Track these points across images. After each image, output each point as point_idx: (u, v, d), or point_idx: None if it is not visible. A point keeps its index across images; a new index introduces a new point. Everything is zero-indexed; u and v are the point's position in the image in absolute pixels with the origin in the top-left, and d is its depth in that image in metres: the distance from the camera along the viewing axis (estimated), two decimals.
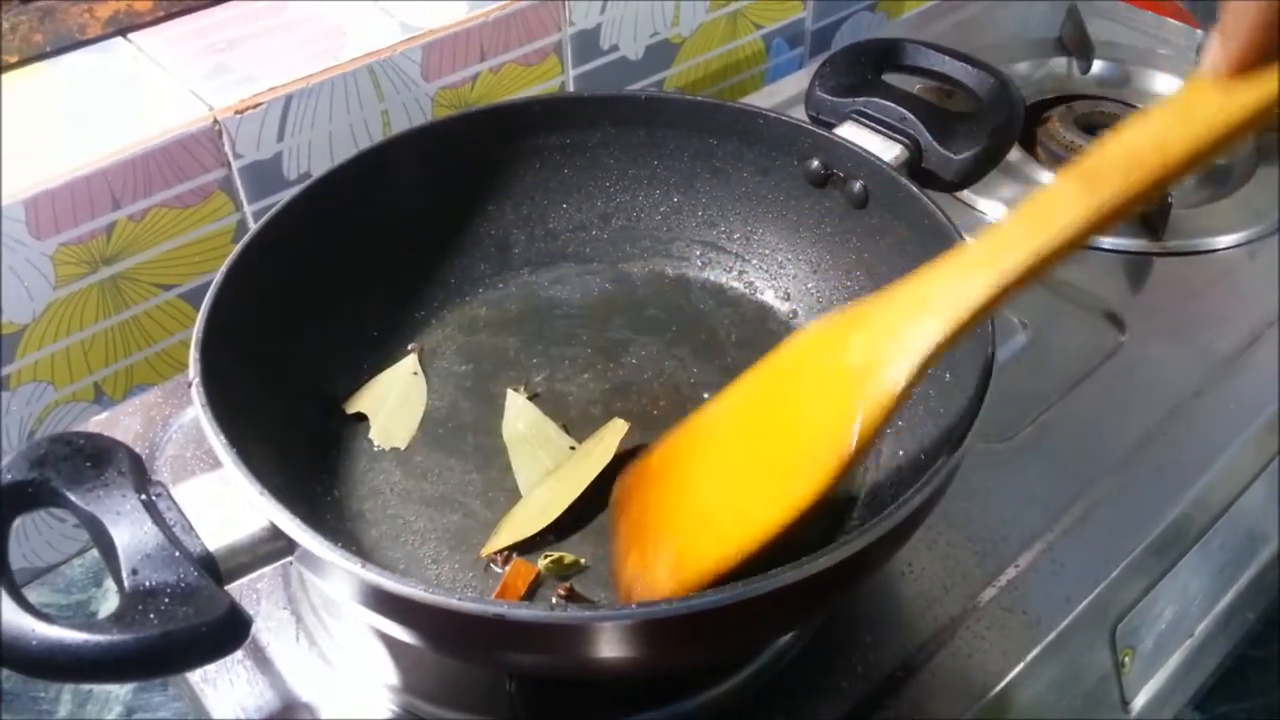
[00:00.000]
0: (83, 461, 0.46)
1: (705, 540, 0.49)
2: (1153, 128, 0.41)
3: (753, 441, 0.50)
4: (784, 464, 0.48)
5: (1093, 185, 0.42)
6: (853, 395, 0.45)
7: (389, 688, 0.56)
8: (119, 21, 0.77)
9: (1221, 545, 0.70)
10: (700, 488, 0.52)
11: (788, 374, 0.50)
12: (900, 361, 0.45)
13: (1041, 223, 0.43)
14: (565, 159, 0.71)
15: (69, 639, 0.40)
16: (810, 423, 0.47)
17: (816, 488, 0.46)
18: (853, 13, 1.10)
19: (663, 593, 0.49)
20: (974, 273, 0.43)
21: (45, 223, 0.66)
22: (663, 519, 0.53)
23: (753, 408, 0.51)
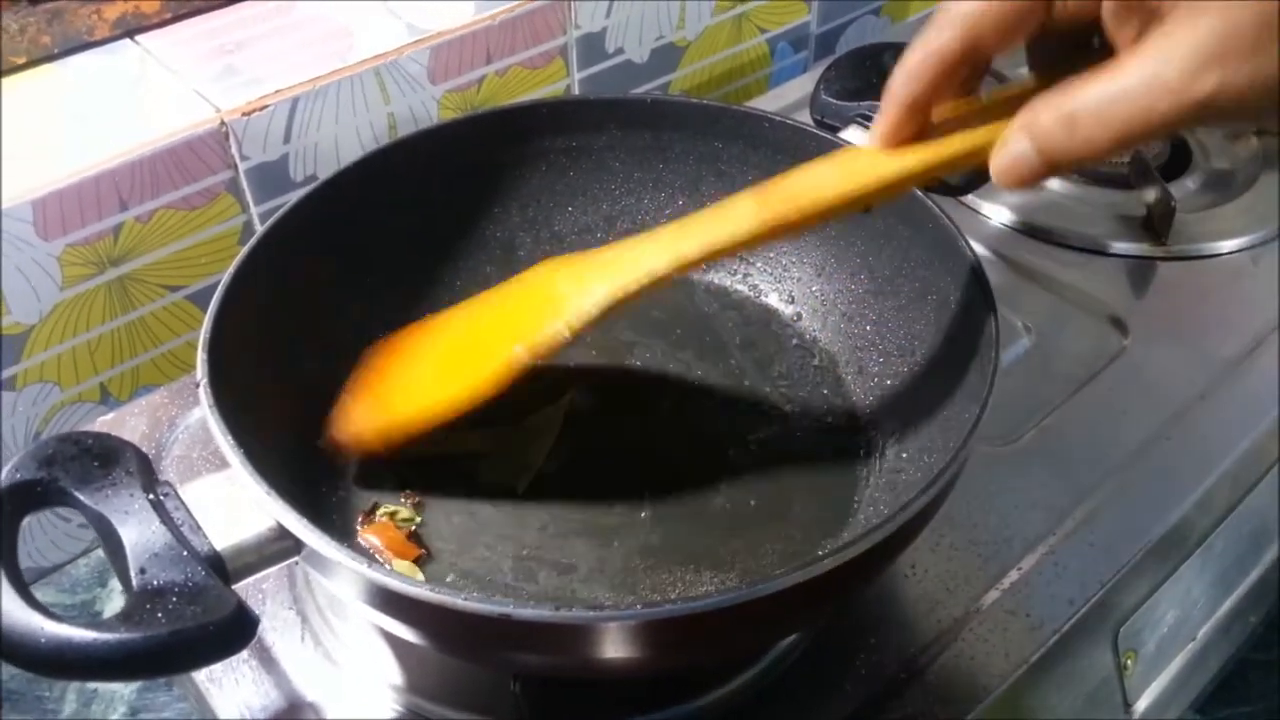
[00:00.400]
0: (91, 461, 0.46)
1: (401, 404, 0.59)
2: (819, 172, 0.51)
3: (464, 340, 0.60)
4: (478, 358, 0.57)
5: (763, 205, 0.51)
6: (539, 322, 0.55)
7: (394, 688, 0.56)
8: (127, 23, 0.77)
9: (1224, 549, 0.70)
10: (415, 366, 0.61)
11: (512, 293, 0.60)
12: (577, 309, 0.54)
13: (718, 225, 0.52)
14: (571, 162, 0.72)
15: (77, 637, 0.40)
16: (510, 332, 0.57)
17: (485, 385, 0.56)
18: (857, 16, 1.10)
19: (352, 434, 0.59)
20: (656, 252, 0.53)
21: (52, 223, 0.66)
22: (389, 377, 0.61)
23: (485, 309, 0.61)
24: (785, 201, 0.51)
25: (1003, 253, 0.81)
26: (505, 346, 0.56)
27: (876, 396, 0.64)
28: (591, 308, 0.54)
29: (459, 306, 0.63)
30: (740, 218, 0.51)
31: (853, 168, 0.50)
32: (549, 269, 0.58)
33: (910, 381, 0.63)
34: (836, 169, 0.50)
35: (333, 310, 0.64)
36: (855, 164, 0.50)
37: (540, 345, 0.55)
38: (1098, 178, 0.88)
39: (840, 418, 0.65)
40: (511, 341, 0.56)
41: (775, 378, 0.67)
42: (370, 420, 0.59)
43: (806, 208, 0.50)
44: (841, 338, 0.68)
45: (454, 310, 0.63)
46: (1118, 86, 0.40)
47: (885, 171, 0.49)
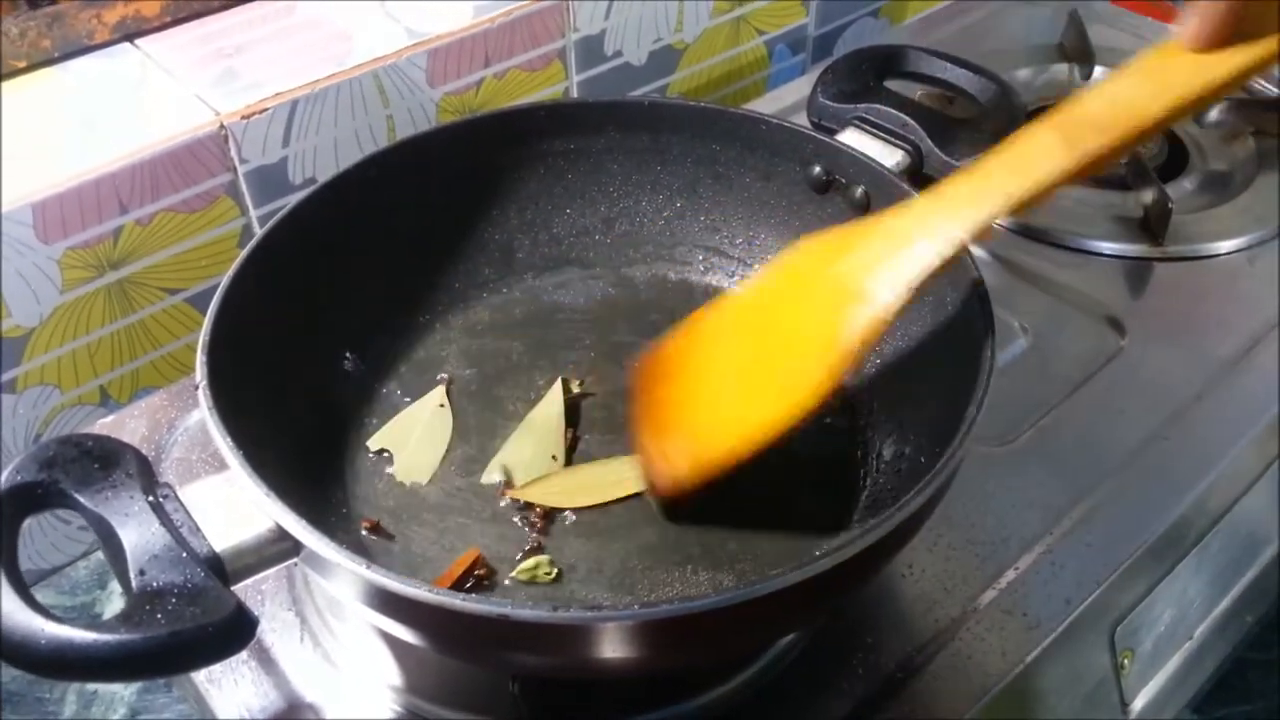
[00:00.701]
0: (91, 463, 0.47)
1: (715, 433, 0.54)
2: (1126, 90, 0.44)
3: (755, 345, 0.55)
4: (782, 369, 0.52)
5: (1069, 139, 0.45)
6: (845, 313, 0.49)
7: (392, 688, 0.57)
8: (126, 27, 0.77)
9: (1221, 549, 0.70)
10: (708, 384, 0.56)
11: (787, 284, 0.55)
12: (891, 286, 0.48)
13: (1021, 170, 0.46)
14: (569, 164, 0.72)
15: (78, 638, 0.41)
16: (806, 333, 0.51)
17: (810, 396, 0.50)
18: (855, 18, 1.10)
19: (682, 475, 0.55)
20: (958, 210, 0.47)
21: (52, 227, 0.67)
22: (675, 411, 0.57)
23: (756, 313, 0.56)
24: (1098, 130, 0.44)
25: (999, 253, 0.82)
26: (812, 348, 0.50)
27: (873, 397, 0.65)
28: (903, 290, 0.48)
29: (716, 313, 0.58)
30: (1044, 158, 0.45)
31: (1167, 79, 0.44)
32: (824, 250, 0.52)
33: (907, 382, 0.63)
34: (1148, 82, 0.44)
35: (332, 312, 0.65)
36: (1169, 74, 0.44)
37: (864, 338, 0.49)
38: (1095, 178, 0.88)
39: (837, 418, 0.65)
40: (815, 342, 0.50)
41: None
42: (687, 457, 0.55)
43: (1126, 134, 0.44)
44: None
45: (714, 317, 0.58)
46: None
47: (1210, 76, 0.43)
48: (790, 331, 0.53)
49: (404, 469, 0.62)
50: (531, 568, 0.57)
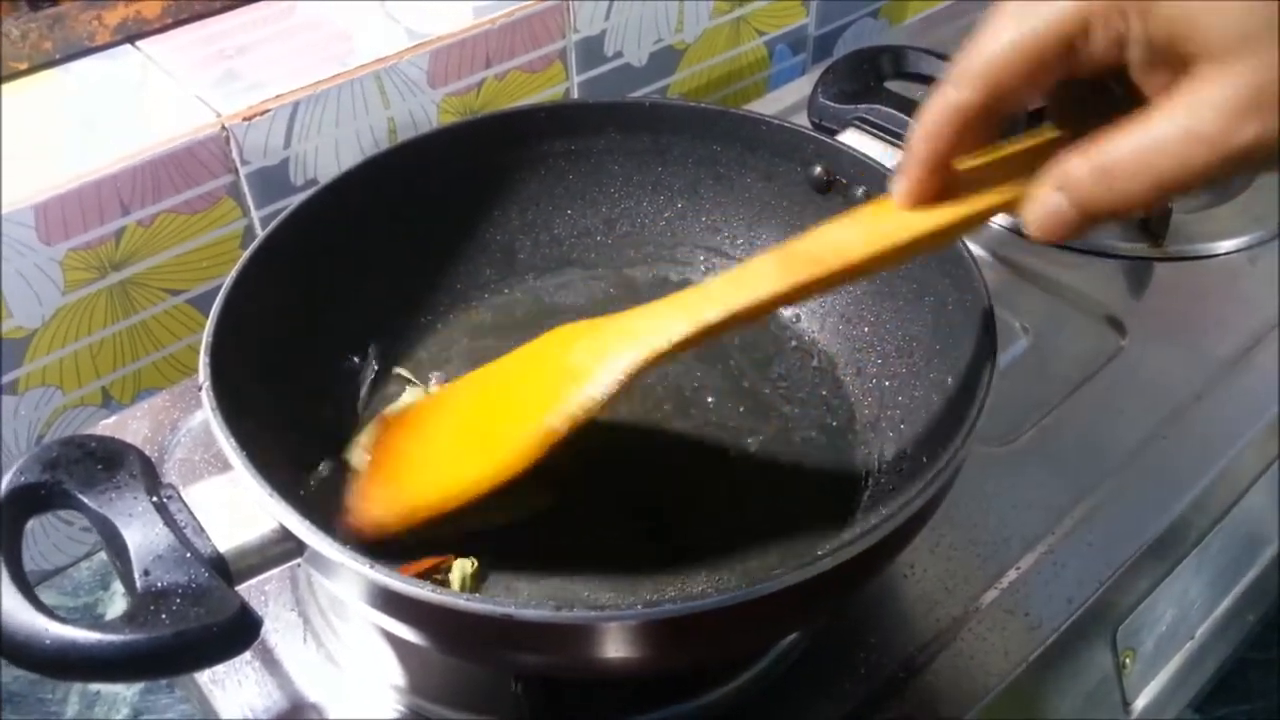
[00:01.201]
0: (94, 464, 0.47)
1: (421, 486, 0.57)
2: (841, 232, 0.50)
3: (481, 414, 0.58)
4: (497, 434, 0.55)
5: (786, 268, 0.50)
6: (560, 393, 0.53)
7: (396, 689, 0.57)
8: (128, 29, 0.77)
9: (1222, 548, 0.70)
10: (431, 443, 0.59)
11: (525, 362, 0.58)
12: (602, 376, 0.52)
13: (740, 288, 0.51)
14: (570, 165, 0.72)
15: (81, 639, 0.41)
16: (524, 407, 0.55)
17: (515, 462, 0.53)
18: (856, 19, 1.10)
19: (372, 519, 0.56)
20: (678, 317, 0.52)
21: (54, 228, 0.67)
22: (404, 456, 0.60)
23: (491, 385, 0.59)
24: (809, 263, 0.49)
25: (1000, 254, 0.82)
26: (528, 419, 0.53)
27: (875, 398, 0.65)
28: (618, 374, 0.52)
29: (466, 379, 0.61)
30: (762, 280, 0.50)
31: (878, 227, 0.48)
32: (563, 336, 0.56)
33: (908, 382, 0.63)
34: (861, 228, 0.49)
35: (333, 313, 0.65)
36: (881, 222, 0.48)
37: (571, 414, 0.52)
38: None
39: (839, 419, 0.65)
40: (533, 414, 0.53)
41: (774, 379, 0.67)
42: (389, 504, 0.57)
43: (832, 268, 0.49)
44: (840, 339, 0.68)
45: (462, 382, 0.61)
46: (1152, 138, 0.39)
47: (913, 230, 0.47)
48: (516, 402, 0.56)
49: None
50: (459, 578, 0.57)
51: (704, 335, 0.51)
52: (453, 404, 0.61)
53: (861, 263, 0.49)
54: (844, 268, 0.49)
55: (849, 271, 0.49)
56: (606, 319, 0.55)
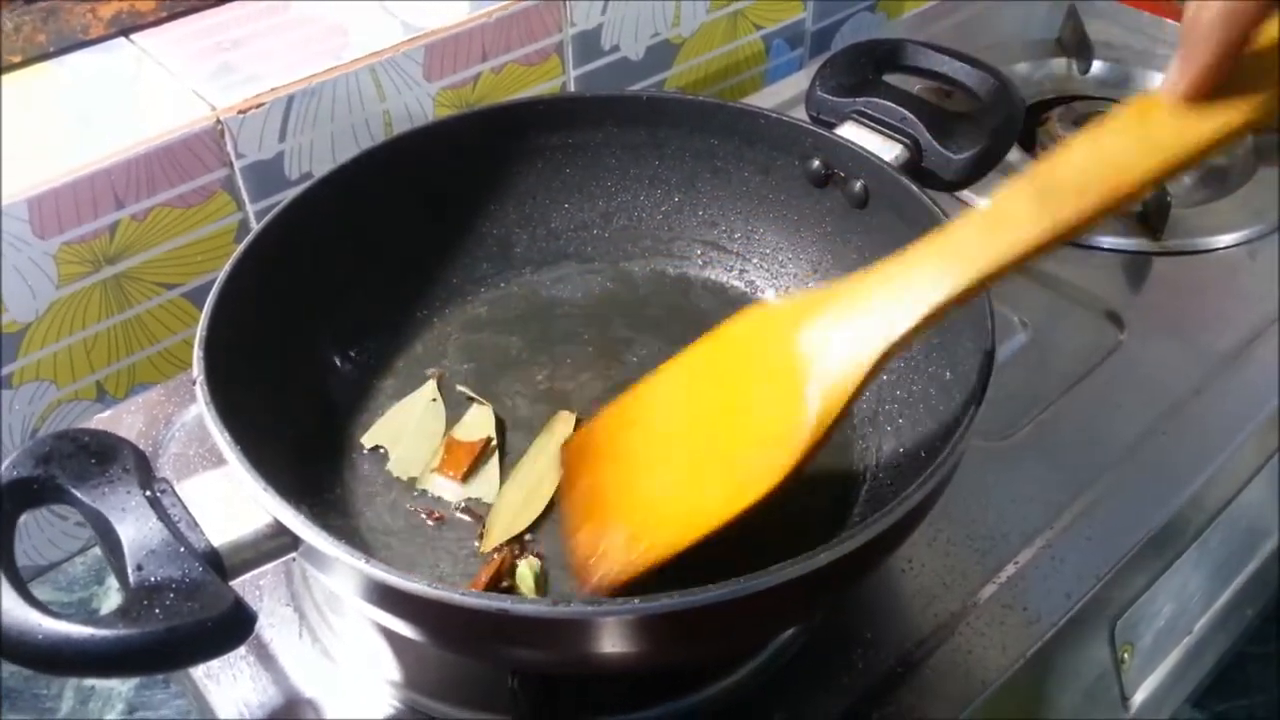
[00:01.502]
0: (88, 458, 0.46)
1: (659, 522, 0.49)
2: (1108, 148, 0.41)
3: (703, 423, 0.50)
4: (737, 451, 0.48)
5: (1047, 204, 0.41)
6: (806, 388, 0.45)
7: (391, 684, 0.56)
8: (122, 22, 0.77)
9: (1220, 542, 0.70)
10: (650, 466, 0.51)
11: (737, 354, 0.50)
12: (856, 358, 0.45)
13: (996, 238, 0.42)
14: (567, 159, 0.72)
15: (75, 634, 0.40)
16: (762, 410, 0.47)
17: (772, 480, 0.46)
18: (853, 13, 1.10)
19: (617, 572, 0.49)
20: (925, 281, 0.44)
21: (49, 222, 0.66)
22: (614, 496, 0.52)
23: (701, 386, 0.51)
24: (1075, 194, 0.41)
25: None
26: (769, 427, 0.46)
27: (873, 392, 0.64)
28: (867, 363, 0.44)
29: (661, 380, 0.52)
30: (1023, 222, 0.42)
31: (1154, 137, 0.40)
32: (781, 318, 0.48)
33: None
34: (1132, 140, 0.41)
35: (328, 307, 0.64)
36: (1155, 131, 0.40)
37: (826, 416, 0.44)
38: None
39: None
40: (772, 420, 0.46)
41: None
42: (626, 547, 0.49)
43: (1107, 197, 0.40)
44: None
45: (657, 385, 0.52)
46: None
47: (1198, 136, 0.39)
48: (743, 408, 0.48)
49: (399, 464, 0.62)
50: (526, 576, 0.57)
51: (960, 300, 0.44)
52: (656, 417, 0.52)
53: (1144, 183, 0.40)
54: (1123, 193, 0.40)
55: (1128, 198, 0.41)
56: (830, 292, 0.47)
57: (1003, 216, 0.43)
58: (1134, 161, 0.40)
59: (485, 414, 0.65)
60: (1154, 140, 0.40)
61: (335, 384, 0.65)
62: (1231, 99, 0.39)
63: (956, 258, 0.43)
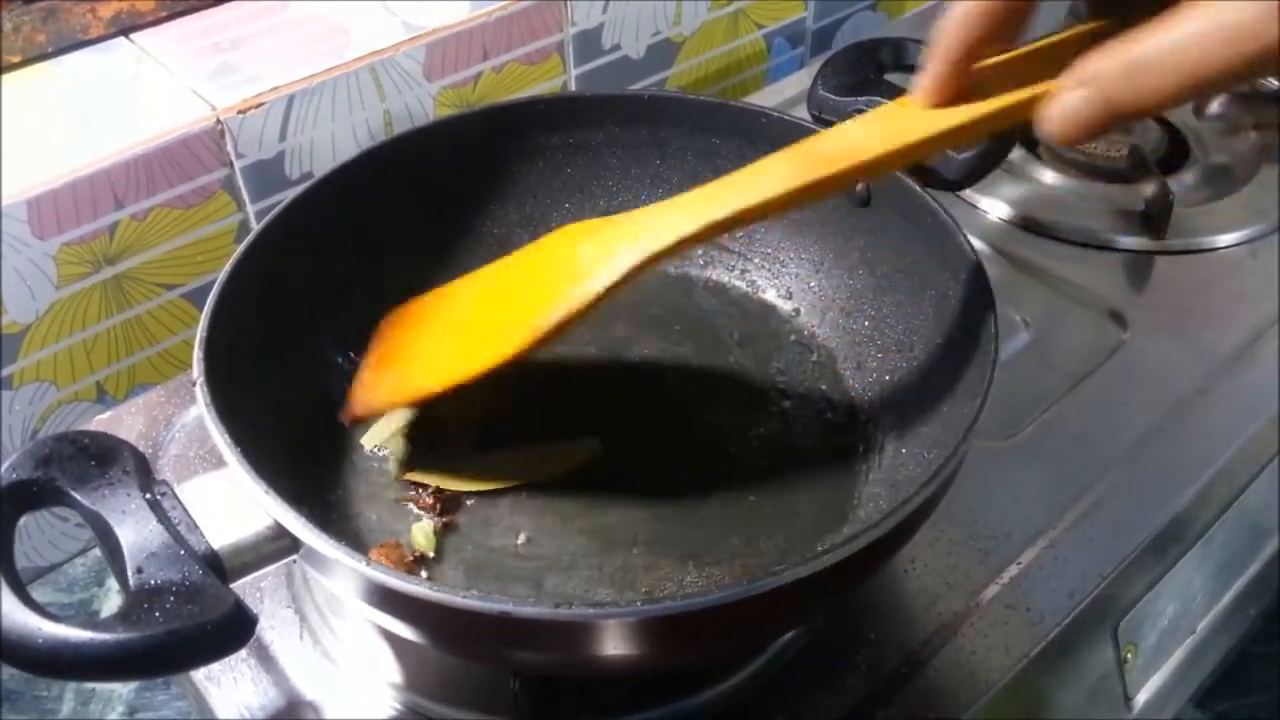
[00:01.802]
0: (88, 460, 0.46)
1: (420, 372, 0.59)
2: (860, 130, 0.49)
3: (485, 307, 0.59)
4: (499, 327, 0.57)
5: (798, 166, 0.49)
6: (562, 288, 0.54)
7: (393, 686, 0.56)
8: (121, 21, 0.77)
9: (1223, 542, 0.70)
10: (434, 334, 0.61)
11: (530, 259, 0.59)
12: (604, 273, 0.53)
13: (751, 187, 0.50)
14: (568, 158, 0.72)
15: (74, 637, 0.40)
16: (528, 301, 0.56)
17: (512, 350, 0.55)
18: (854, 11, 1.10)
19: (378, 402, 0.60)
20: (684, 215, 0.52)
21: (48, 222, 0.66)
22: (399, 351, 0.61)
23: (496, 281, 0.60)
24: (822, 162, 0.49)
25: (1001, 247, 0.81)
26: (528, 310, 0.55)
27: (875, 392, 0.64)
28: (619, 269, 0.52)
29: (474, 274, 0.62)
30: (774, 179, 0.50)
31: (895, 125, 0.48)
32: (569, 234, 0.56)
33: (909, 377, 0.63)
34: (877, 126, 0.49)
35: (329, 307, 0.64)
36: (898, 121, 0.48)
37: (571, 307, 0.53)
38: (1095, 171, 0.88)
39: (839, 413, 0.64)
40: (534, 305, 0.55)
41: (774, 374, 0.67)
42: (387, 386, 0.60)
43: (844, 167, 0.48)
44: (840, 333, 0.68)
45: (470, 277, 0.62)
46: (1185, 32, 0.38)
47: (931, 128, 0.47)
48: (520, 295, 0.57)
49: (399, 465, 0.62)
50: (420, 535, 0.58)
51: (710, 233, 0.51)
52: (454, 299, 0.61)
53: (875, 161, 0.48)
54: (856, 165, 0.48)
55: (861, 169, 0.49)
56: (611, 219, 0.55)
57: (761, 171, 0.51)
58: (873, 141, 0.48)
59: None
60: (894, 129, 0.48)
61: (335, 384, 0.64)
62: (966, 104, 0.47)
63: (715, 199, 0.51)
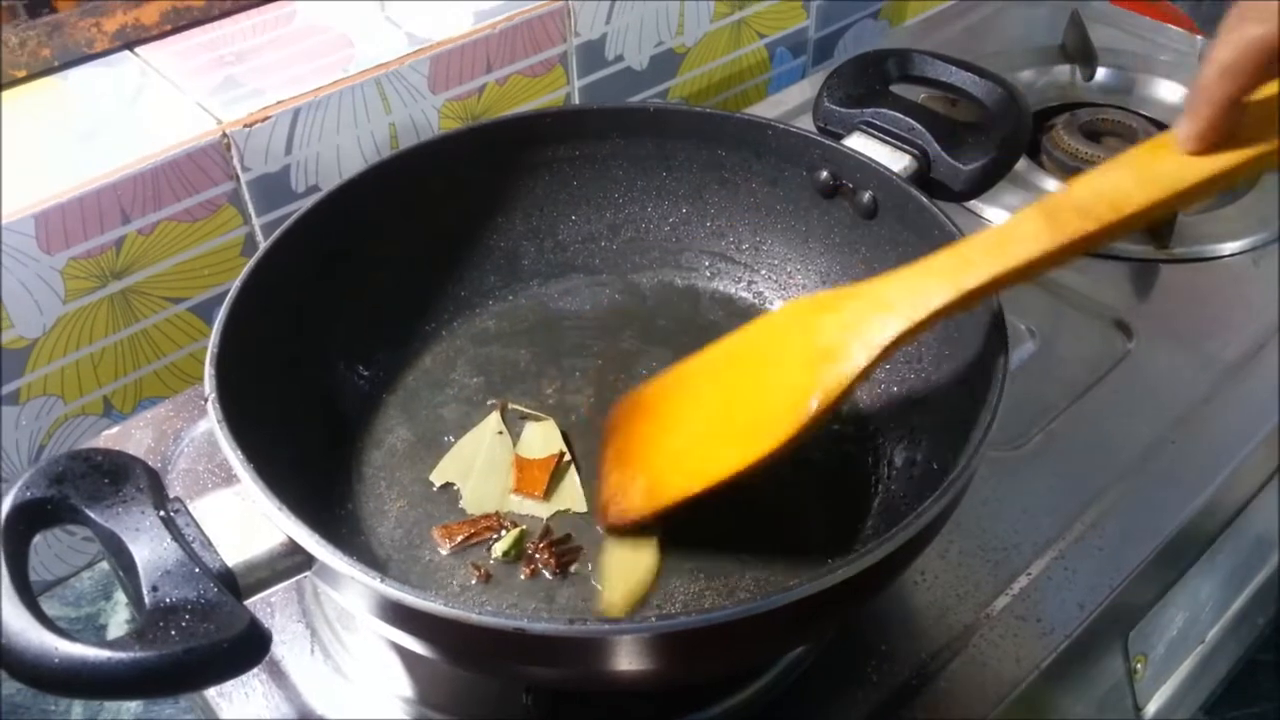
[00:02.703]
0: (101, 478, 0.46)
1: (676, 473, 0.56)
2: (1113, 180, 0.47)
3: (727, 396, 0.57)
4: (750, 420, 0.54)
5: (1054, 223, 0.47)
6: (815, 372, 0.52)
7: (403, 700, 0.56)
8: (126, 35, 0.77)
9: (1231, 552, 0.70)
10: (678, 429, 0.58)
11: (764, 341, 0.57)
12: (860, 351, 0.51)
13: (1004, 249, 0.48)
14: (574, 171, 0.72)
15: (91, 657, 0.40)
16: (776, 389, 0.54)
17: (773, 445, 0.52)
18: (855, 20, 1.10)
19: (635, 509, 0.57)
20: (936, 283, 0.50)
21: (55, 237, 0.66)
22: (644, 450, 0.59)
23: (731, 366, 0.58)
24: (1080, 217, 0.47)
25: None
26: (783, 398, 0.52)
27: (884, 404, 0.64)
28: (877, 348, 0.50)
29: (701, 358, 0.60)
30: (1028, 238, 0.48)
31: (1155, 172, 0.46)
32: (805, 310, 0.55)
33: (918, 389, 0.63)
34: (1136, 174, 0.47)
35: (337, 322, 0.64)
36: (1157, 168, 0.46)
37: (831, 393, 0.51)
38: None
39: (848, 426, 0.65)
40: (787, 393, 0.52)
41: None
42: (640, 492, 0.57)
43: (1106, 222, 0.46)
44: None
45: (701, 358, 0.60)
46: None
47: (1198, 174, 0.45)
48: (765, 382, 0.55)
49: (473, 500, 0.61)
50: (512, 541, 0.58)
51: (967, 302, 0.50)
52: (688, 385, 0.59)
53: (1139, 214, 0.46)
54: (1119, 220, 0.46)
55: (1125, 224, 0.46)
56: (852, 289, 0.53)
57: (1012, 231, 0.49)
58: (1133, 191, 0.46)
59: (548, 428, 0.65)
60: (1155, 176, 0.46)
61: (344, 398, 0.65)
62: (1232, 147, 0.45)
63: (967, 264, 0.49)
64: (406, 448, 0.64)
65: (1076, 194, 0.47)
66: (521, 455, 0.63)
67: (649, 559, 0.58)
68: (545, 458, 0.62)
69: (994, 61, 0.89)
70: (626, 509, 0.57)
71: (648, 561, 0.57)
